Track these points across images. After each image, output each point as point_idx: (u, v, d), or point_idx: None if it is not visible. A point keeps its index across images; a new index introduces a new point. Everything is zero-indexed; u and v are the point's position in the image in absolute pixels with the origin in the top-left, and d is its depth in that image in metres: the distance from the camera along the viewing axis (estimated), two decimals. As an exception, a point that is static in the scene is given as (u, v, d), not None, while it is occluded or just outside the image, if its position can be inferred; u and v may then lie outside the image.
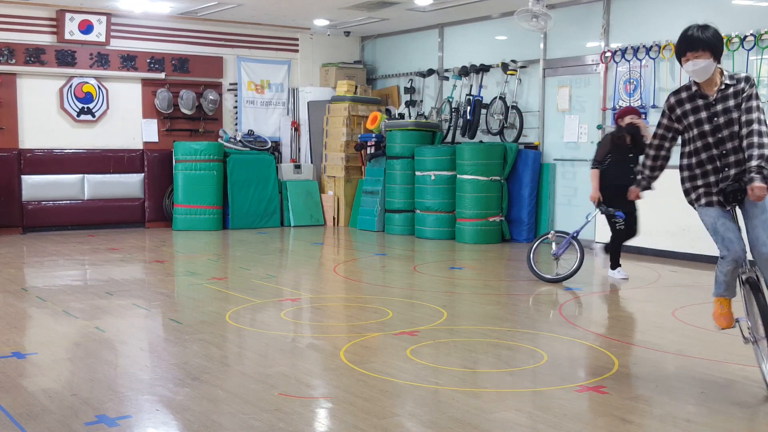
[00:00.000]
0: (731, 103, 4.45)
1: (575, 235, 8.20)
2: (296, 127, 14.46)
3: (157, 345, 5.80)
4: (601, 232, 10.69)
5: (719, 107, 4.47)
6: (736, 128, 4.43)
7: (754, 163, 4.28)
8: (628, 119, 8.20)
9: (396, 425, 4.04)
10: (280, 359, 5.33)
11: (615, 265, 8.44)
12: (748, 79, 4.49)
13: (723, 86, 4.48)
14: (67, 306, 6.95)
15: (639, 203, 7.93)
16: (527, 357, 5.42)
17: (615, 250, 8.41)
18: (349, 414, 4.19)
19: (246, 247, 11.04)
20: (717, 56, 4.46)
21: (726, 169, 4.48)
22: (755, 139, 4.33)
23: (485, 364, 5.30)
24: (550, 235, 8.44)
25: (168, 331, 6.16)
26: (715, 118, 4.47)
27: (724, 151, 4.47)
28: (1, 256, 9.91)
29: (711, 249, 9.41)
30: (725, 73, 4.53)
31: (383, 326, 6.21)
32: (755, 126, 4.36)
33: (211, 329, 6.11)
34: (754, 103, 4.41)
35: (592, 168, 8.22)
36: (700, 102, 4.52)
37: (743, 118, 4.39)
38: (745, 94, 4.42)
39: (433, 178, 11.93)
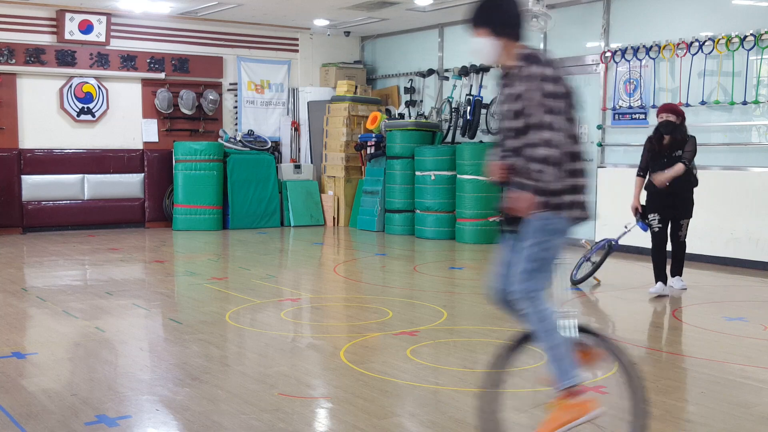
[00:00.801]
0: (509, 91, 3.48)
1: (614, 243, 7.98)
2: (296, 127, 14.46)
3: (157, 345, 5.80)
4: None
5: (499, 97, 3.58)
6: (513, 123, 3.45)
7: (519, 163, 3.39)
8: (661, 117, 7.51)
9: (396, 425, 4.04)
10: (280, 359, 5.33)
11: (659, 276, 7.58)
12: (528, 57, 3.46)
13: (508, 70, 3.55)
14: (67, 306, 6.95)
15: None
16: (527, 357, 5.42)
17: (655, 261, 7.61)
18: (349, 414, 4.18)
19: (246, 247, 11.04)
20: (499, 33, 3.51)
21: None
22: (532, 136, 3.33)
23: (485, 364, 5.29)
24: (584, 242, 8.37)
25: (168, 331, 6.16)
26: (499, 110, 3.57)
27: (505, 153, 3.54)
28: (1, 256, 9.91)
29: (711, 249, 9.44)
30: (519, 51, 3.53)
31: (383, 326, 6.21)
32: (534, 119, 3.33)
33: (211, 329, 6.11)
34: (533, 89, 3.35)
35: (636, 175, 7.70)
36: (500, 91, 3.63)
37: (525, 111, 3.38)
38: (522, 79, 3.40)
39: (433, 178, 11.93)
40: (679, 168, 7.29)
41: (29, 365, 5.11)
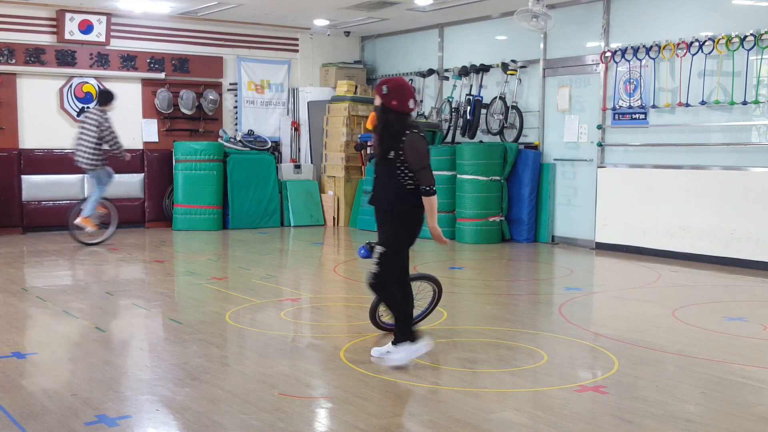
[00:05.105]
0: None
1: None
2: (296, 127, 14.46)
3: (157, 345, 5.80)
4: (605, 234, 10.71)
5: None
6: None
7: None
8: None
9: (396, 425, 4.04)
10: (280, 359, 5.33)
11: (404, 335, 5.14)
12: None
13: None
14: (67, 306, 6.95)
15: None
16: (527, 357, 5.42)
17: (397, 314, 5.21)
18: (349, 414, 4.18)
19: (246, 247, 11.04)
20: None
21: None
22: None
23: (485, 364, 5.30)
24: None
25: (168, 331, 6.16)
26: None
27: None
28: (1, 256, 9.91)
29: (711, 249, 9.44)
30: None
31: (383, 326, 6.20)
32: None
33: (211, 329, 6.11)
34: None
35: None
36: None
37: None
38: None
39: (433, 178, 11.91)
40: (429, 205, 4.95)
41: (29, 365, 5.11)
